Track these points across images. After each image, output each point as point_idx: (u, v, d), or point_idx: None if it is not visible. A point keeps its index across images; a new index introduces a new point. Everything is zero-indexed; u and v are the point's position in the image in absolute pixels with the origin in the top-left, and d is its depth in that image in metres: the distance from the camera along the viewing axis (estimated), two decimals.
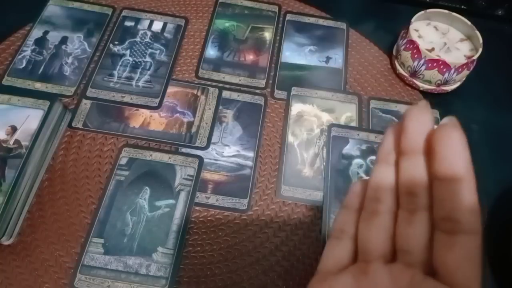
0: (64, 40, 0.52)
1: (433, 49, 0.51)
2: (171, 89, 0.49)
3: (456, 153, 0.20)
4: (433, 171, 0.20)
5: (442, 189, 0.20)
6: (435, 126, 0.21)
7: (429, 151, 0.20)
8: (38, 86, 0.48)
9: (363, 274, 0.21)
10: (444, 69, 0.48)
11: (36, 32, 0.52)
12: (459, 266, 0.19)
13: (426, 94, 0.52)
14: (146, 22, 0.55)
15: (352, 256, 0.23)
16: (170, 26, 0.55)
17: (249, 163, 0.45)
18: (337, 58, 0.54)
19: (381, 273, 0.21)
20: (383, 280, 0.21)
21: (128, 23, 0.54)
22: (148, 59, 0.51)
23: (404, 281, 0.20)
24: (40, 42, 0.51)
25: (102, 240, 0.39)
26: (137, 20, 0.55)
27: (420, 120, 0.21)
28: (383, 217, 0.22)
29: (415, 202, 0.21)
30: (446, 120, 0.20)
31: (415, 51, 0.49)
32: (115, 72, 0.50)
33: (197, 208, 0.42)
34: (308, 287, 0.23)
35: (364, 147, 0.47)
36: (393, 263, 0.21)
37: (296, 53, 0.54)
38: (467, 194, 0.20)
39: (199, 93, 0.49)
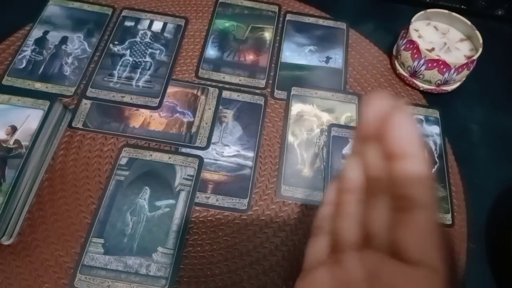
0: (64, 40, 0.52)
1: (433, 49, 0.51)
2: (171, 89, 0.49)
3: (403, 132, 0.21)
4: (386, 153, 0.21)
5: (395, 168, 0.21)
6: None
7: (381, 135, 0.21)
8: (38, 86, 0.48)
9: (336, 264, 0.22)
10: (444, 69, 0.48)
11: (36, 32, 0.52)
12: (414, 241, 0.19)
13: (426, 94, 0.52)
14: (146, 22, 0.55)
15: (329, 250, 0.24)
16: (170, 26, 0.55)
17: (249, 163, 0.45)
18: (337, 58, 0.54)
19: (353, 261, 0.21)
20: (355, 267, 0.21)
21: (128, 23, 0.54)
22: (148, 59, 0.51)
23: (373, 266, 0.20)
24: (40, 42, 0.51)
25: (102, 240, 0.39)
26: (137, 20, 0.55)
27: (375, 108, 0.22)
28: (351, 206, 0.23)
29: (375, 186, 0.22)
30: (397, 102, 0.21)
31: (415, 51, 0.49)
32: (115, 72, 0.50)
33: (197, 208, 0.42)
34: (296, 285, 0.24)
35: None
36: (364, 249, 0.22)
37: (296, 53, 0.54)
38: (417, 170, 0.20)
39: (199, 93, 0.49)
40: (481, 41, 0.50)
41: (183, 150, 0.45)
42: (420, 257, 0.19)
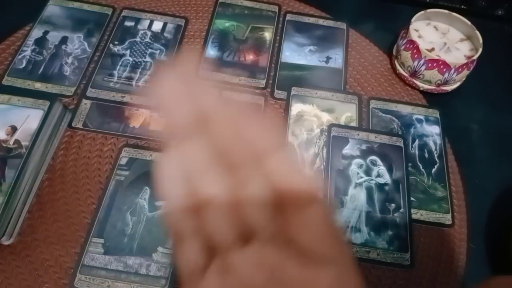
0: (64, 40, 0.52)
1: (433, 49, 0.51)
2: None
3: (261, 130, 0.20)
4: (246, 151, 0.20)
5: (259, 165, 0.20)
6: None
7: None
8: (38, 86, 0.48)
9: (225, 270, 0.20)
10: (444, 69, 0.48)
11: (36, 32, 0.52)
12: (308, 238, 0.19)
13: (426, 94, 0.52)
14: (146, 22, 0.55)
15: (205, 252, 0.22)
16: (170, 26, 0.55)
17: None
18: (337, 58, 0.54)
19: (241, 262, 0.20)
20: (245, 267, 0.20)
21: (128, 23, 0.54)
22: (148, 59, 0.51)
23: (266, 260, 0.19)
24: (40, 42, 0.51)
25: (102, 240, 0.39)
26: (137, 20, 0.55)
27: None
28: (217, 203, 0.21)
29: (234, 180, 0.21)
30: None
31: (415, 51, 0.49)
32: (115, 72, 0.50)
33: None
34: None
35: (364, 147, 0.47)
36: (248, 244, 0.20)
37: (296, 53, 0.54)
38: (284, 165, 0.20)
39: None
40: (481, 41, 0.50)
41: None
42: (322, 252, 0.19)
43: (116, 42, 0.52)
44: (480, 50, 0.49)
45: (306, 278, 0.19)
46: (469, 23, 0.52)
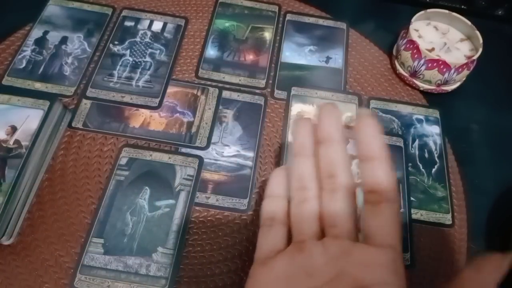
0: (64, 40, 0.52)
1: (433, 49, 0.51)
2: (171, 89, 0.49)
3: (372, 138, 0.25)
4: (358, 154, 0.25)
5: (364, 167, 0.25)
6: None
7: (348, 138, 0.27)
8: (38, 86, 0.48)
9: (299, 251, 0.25)
10: (444, 69, 0.48)
11: (36, 32, 0.52)
12: (382, 228, 0.23)
13: (426, 94, 0.52)
14: (146, 22, 0.55)
15: (285, 240, 0.27)
16: (170, 26, 0.55)
17: (249, 163, 0.45)
18: (337, 58, 0.54)
19: (315, 248, 0.24)
20: (317, 252, 0.24)
21: (128, 23, 0.54)
22: (148, 59, 0.51)
23: (334, 250, 0.24)
24: (40, 42, 0.51)
25: (102, 240, 0.39)
26: (137, 20, 0.55)
27: (332, 115, 0.27)
28: (311, 202, 0.26)
29: (335, 182, 0.26)
30: (363, 111, 0.26)
31: (415, 51, 0.49)
32: (115, 72, 0.50)
33: (197, 208, 0.42)
34: (250, 273, 0.26)
35: None
36: (323, 238, 0.25)
37: (296, 53, 0.54)
38: (383, 170, 0.24)
39: (199, 93, 0.49)
40: (481, 41, 0.50)
41: (183, 150, 0.45)
42: (388, 241, 0.23)
43: (116, 42, 0.52)
44: (480, 50, 0.49)
45: (366, 257, 0.23)
46: (469, 23, 0.52)
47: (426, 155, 0.47)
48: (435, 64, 0.48)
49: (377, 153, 0.24)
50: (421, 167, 0.46)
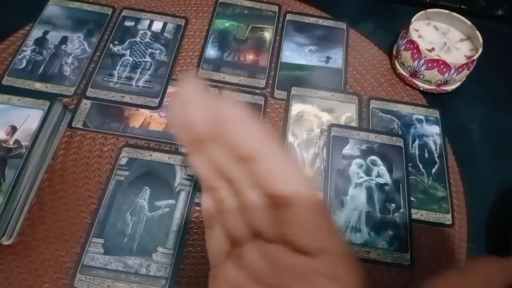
0: (64, 40, 0.52)
1: (433, 49, 0.51)
2: (171, 89, 0.49)
3: (245, 135, 0.20)
4: (235, 156, 0.20)
5: (250, 170, 0.20)
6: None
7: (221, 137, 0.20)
8: (38, 86, 0.48)
9: (240, 259, 0.22)
10: (444, 69, 0.48)
11: (36, 32, 0.52)
12: (302, 235, 0.19)
13: (426, 94, 0.52)
14: (146, 22, 0.55)
15: (228, 240, 0.24)
16: (170, 26, 0.55)
17: None
18: (337, 58, 0.54)
19: (252, 254, 0.22)
20: (254, 258, 0.21)
21: (128, 23, 0.54)
22: (148, 59, 0.51)
23: (270, 256, 0.21)
24: (40, 42, 0.51)
25: (102, 240, 0.39)
26: (137, 20, 0.55)
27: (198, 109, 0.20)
28: (229, 203, 0.23)
29: (236, 187, 0.21)
30: (228, 107, 0.20)
31: (415, 51, 0.49)
32: (115, 72, 0.50)
33: (197, 208, 0.42)
34: (209, 285, 0.25)
35: (364, 147, 0.47)
36: (258, 239, 0.22)
37: (296, 53, 0.54)
38: (277, 167, 0.19)
39: None
40: (481, 41, 0.50)
41: (183, 150, 0.45)
42: (314, 247, 0.19)
43: (116, 42, 0.52)
44: (480, 50, 0.49)
45: (301, 266, 0.19)
46: (469, 23, 0.52)
47: (426, 155, 0.47)
48: (435, 64, 0.48)
49: (256, 150, 0.19)
50: (421, 167, 0.46)
